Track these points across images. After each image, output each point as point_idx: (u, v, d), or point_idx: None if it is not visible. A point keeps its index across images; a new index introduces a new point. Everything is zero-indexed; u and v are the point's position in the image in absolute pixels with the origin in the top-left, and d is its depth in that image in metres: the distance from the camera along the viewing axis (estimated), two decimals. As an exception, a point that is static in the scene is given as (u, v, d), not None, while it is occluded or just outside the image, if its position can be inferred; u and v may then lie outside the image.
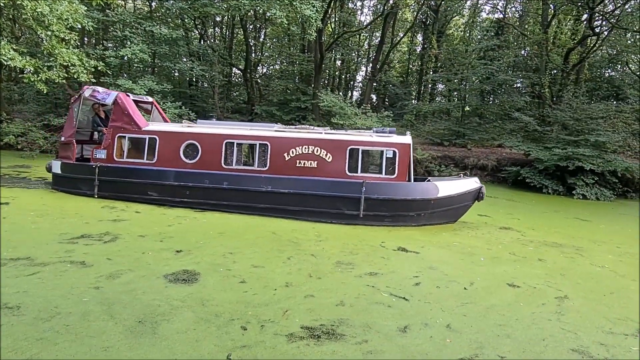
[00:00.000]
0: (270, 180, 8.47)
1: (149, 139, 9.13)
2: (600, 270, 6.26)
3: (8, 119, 18.65)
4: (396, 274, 5.39)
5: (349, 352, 3.31)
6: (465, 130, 22.09)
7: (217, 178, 8.66)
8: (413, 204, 8.28)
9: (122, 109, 9.33)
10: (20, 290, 4.09)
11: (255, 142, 8.78)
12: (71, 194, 9.54)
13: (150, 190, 8.99)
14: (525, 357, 3.43)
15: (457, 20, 32.04)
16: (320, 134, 8.69)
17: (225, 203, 8.67)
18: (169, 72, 25.20)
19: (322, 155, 8.45)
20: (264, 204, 8.49)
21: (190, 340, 3.31)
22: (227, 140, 8.80)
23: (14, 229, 6.36)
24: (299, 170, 8.49)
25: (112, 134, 9.31)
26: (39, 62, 12.75)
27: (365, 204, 8.13)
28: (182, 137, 9.01)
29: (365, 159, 8.51)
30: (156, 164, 9.01)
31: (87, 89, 9.82)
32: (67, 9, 11.98)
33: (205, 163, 8.79)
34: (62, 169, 9.79)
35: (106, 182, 9.20)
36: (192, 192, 8.76)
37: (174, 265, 5.16)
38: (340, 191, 8.26)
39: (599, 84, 24.15)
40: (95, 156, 9.38)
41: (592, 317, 4.36)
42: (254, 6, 16.90)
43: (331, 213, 8.31)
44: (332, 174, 8.38)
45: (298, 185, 8.38)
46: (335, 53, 29.25)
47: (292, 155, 8.54)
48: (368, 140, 8.50)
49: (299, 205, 8.38)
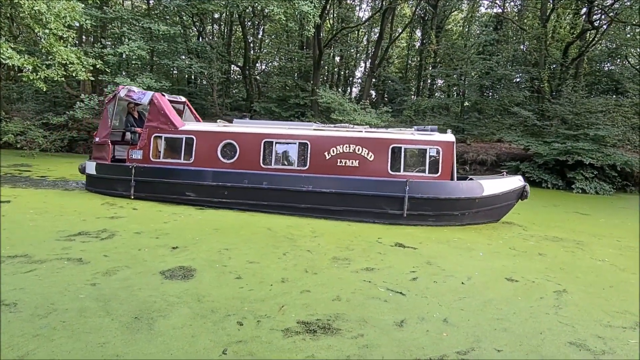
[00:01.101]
0: (311, 180, 8.34)
1: (186, 138, 9.03)
2: (601, 264, 6.24)
3: (7, 118, 18.67)
4: (393, 269, 5.38)
5: (345, 347, 3.31)
6: (464, 125, 22.07)
7: (256, 178, 8.53)
8: (458, 203, 8.11)
9: (158, 108, 9.23)
10: (17, 287, 4.09)
11: (295, 142, 8.66)
12: (107, 195, 9.46)
13: (187, 191, 8.89)
14: (522, 351, 3.42)
15: (455, 15, 31.92)
16: (361, 133, 8.54)
17: (265, 203, 8.56)
18: (168, 69, 25.18)
19: (363, 154, 8.30)
20: (305, 204, 8.37)
21: (186, 336, 3.31)
22: (265, 139, 8.68)
23: (13, 227, 6.36)
24: (339, 169, 8.35)
25: (148, 134, 9.23)
26: (37, 61, 12.75)
27: (409, 204, 7.97)
28: (219, 136, 8.91)
29: (408, 157, 8.34)
30: (193, 164, 8.91)
31: (123, 89, 9.74)
32: (65, 7, 11.98)
33: (244, 163, 8.69)
34: (97, 170, 9.70)
35: (142, 182, 9.11)
36: (231, 192, 8.64)
37: (170, 261, 5.17)
38: (383, 190, 8.10)
39: (598, 78, 24.09)
40: (131, 156, 9.30)
41: (590, 310, 4.36)
42: (252, 2, 16.85)
43: (374, 213, 8.16)
44: (374, 173, 8.23)
45: (340, 184, 8.23)
46: (333, 49, 29.18)
47: (332, 154, 8.41)
48: (411, 139, 8.33)
49: (340, 205, 8.25)
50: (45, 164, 14.90)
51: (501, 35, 24.92)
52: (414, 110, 25.89)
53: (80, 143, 19.64)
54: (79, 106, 17.23)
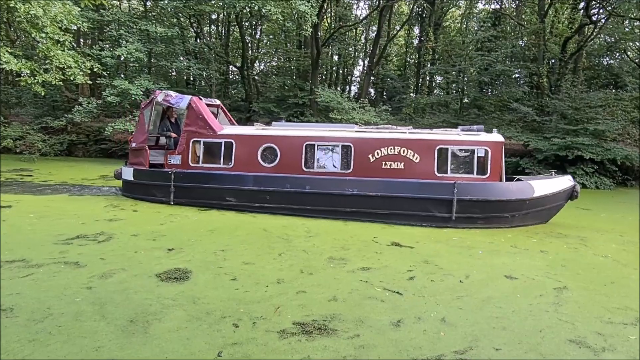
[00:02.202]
0: (356, 183, 8.17)
1: (225, 143, 8.87)
2: (603, 260, 6.20)
3: (5, 123, 18.68)
4: (389, 269, 5.35)
5: (341, 347, 3.29)
6: (464, 122, 21.96)
7: (298, 182, 8.38)
8: (508, 204, 7.88)
9: (197, 113, 9.07)
10: (13, 292, 4.08)
11: (338, 144, 8.47)
12: (145, 201, 9.34)
13: (228, 196, 8.74)
14: (521, 349, 3.39)
15: (453, 12, 31.84)
16: (405, 134, 8.38)
17: (308, 207, 8.39)
18: (166, 71, 25.18)
19: (409, 156, 8.11)
20: (349, 208, 8.21)
21: (181, 339, 3.30)
22: (307, 142, 8.53)
23: (12, 232, 6.38)
24: (384, 172, 8.17)
25: (186, 139, 9.10)
26: (34, 65, 12.73)
27: (457, 206, 7.77)
28: (259, 140, 8.76)
29: (455, 158, 8.14)
30: (233, 168, 8.78)
31: (160, 93, 9.62)
32: (61, 11, 11.94)
33: (285, 166, 8.53)
34: (134, 176, 9.57)
35: (182, 188, 8.98)
36: (273, 197, 8.50)
37: (165, 263, 5.16)
38: (430, 193, 7.90)
39: (598, 72, 24.01)
40: (169, 162, 9.19)
41: (590, 307, 4.33)
42: (249, 3, 16.82)
43: (421, 216, 7.98)
44: (420, 175, 8.04)
45: (386, 187, 8.05)
46: (332, 48, 29.14)
47: (377, 157, 8.22)
48: (458, 139, 8.14)
49: (386, 209, 8.07)
50: (46, 168, 14.92)
51: (499, 31, 24.85)
52: (413, 108, 25.88)
53: (79, 147, 19.67)
54: (78, 110, 17.23)
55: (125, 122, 16.85)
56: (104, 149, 19.57)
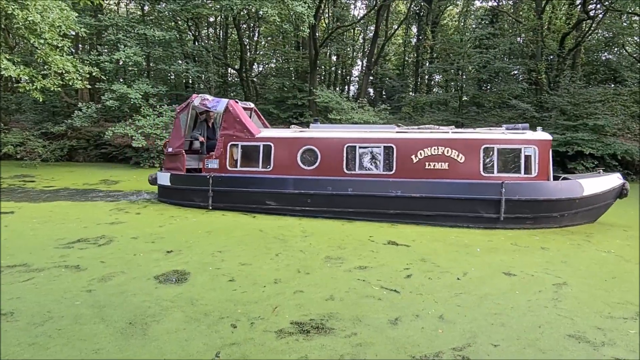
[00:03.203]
0: (399, 185, 8.04)
1: (264, 146, 8.81)
2: (605, 255, 6.17)
3: (5, 129, 18.72)
4: (386, 267, 5.36)
5: (338, 346, 3.30)
6: (463, 120, 21.98)
7: (340, 184, 8.28)
8: (558, 204, 7.72)
9: (234, 116, 9.01)
10: (14, 296, 4.11)
11: (380, 145, 8.36)
12: (182, 206, 9.27)
13: (268, 200, 8.66)
14: (519, 345, 3.40)
15: (451, 10, 31.81)
16: (448, 134, 8.24)
17: (351, 210, 8.29)
18: (165, 74, 25.20)
19: (453, 156, 7.97)
20: (394, 210, 8.09)
21: (180, 340, 3.31)
22: (348, 144, 8.43)
23: (13, 236, 6.43)
24: (428, 172, 8.03)
25: (224, 143, 9.02)
26: (33, 71, 12.78)
27: (506, 206, 7.62)
28: (298, 142, 8.68)
29: (502, 158, 7.95)
30: (272, 171, 8.69)
31: (196, 97, 9.53)
32: (59, 16, 11.99)
33: (325, 169, 8.44)
34: (171, 181, 9.52)
35: (220, 192, 8.91)
36: (314, 200, 8.39)
37: (164, 265, 5.19)
38: (477, 193, 7.76)
39: (596, 67, 23.93)
40: (207, 166, 9.12)
41: (590, 302, 4.32)
42: (246, 5, 16.85)
43: (468, 217, 7.85)
44: (465, 175, 7.90)
45: (431, 188, 7.92)
46: (330, 48, 29.14)
47: (420, 157, 8.09)
48: (504, 138, 7.96)
49: (431, 210, 7.95)
50: (48, 174, 14.95)
51: (497, 28, 24.83)
52: (413, 107, 25.85)
53: (79, 152, 19.67)
54: (77, 115, 17.27)
55: (125, 126, 16.87)
56: (105, 153, 19.58)
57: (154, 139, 16.98)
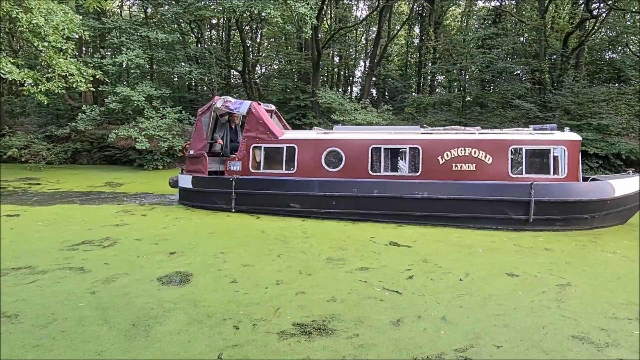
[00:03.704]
0: (426, 186, 7.96)
1: (287, 148, 8.75)
2: (611, 256, 6.11)
3: (10, 132, 18.86)
4: (388, 268, 5.35)
5: (340, 347, 3.30)
6: (466, 120, 21.91)
7: (366, 186, 8.20)
8: (589, 205, 7.58)
9: (257, 118, 8.97)
10: (18, 298, 4.14)
11: (405, 146, 8.28)
12: (205, 209, 9.26)
13: (292, 202, 8.59)
14: (522, 346, 3.38)
15: (453, 11, 31.78)
16: (475, 134, 8.16)
17: (376, 212, 8.22)
18: (168, 76, 25.31)
19: (480, 157, 7.86)
20: (420, 212, 8.00)
21: (182, 342, 3.33)
22: (373, 145, 8.35)
23: (19, 239, 6.48)
24: (455, 174, 7.94)
25: (246, 145, 8.97)
26: (37, 74, 12.86)
27: (535, 208, 7.49)
28: (322, 144, 8.61)
29: (530, 158, 7.85)
30: (296, 174, 8.63)
31: (219, 99, 9.46)
32: (63, 19, 12.06)
33: (350, 171, 8.37)
34: (193, 183, 9.46)
35: (243, 195, 8.88)
36: (339, 202, 8.33)
37: (167, 267, 5.21)
38: (506, 195, 7.64)
39: (600, 66, 23.84)
40: (229, 168, 9.10)
41: (594, 303, 4.29)
42: (249, 7, 16.90)
43: (497, 219, 7.74)
44: (493, 176, 7.79)
45: (458, 190, 7.83)
46: (332, 49, 29.18)
47: (446, 159, 8.00)
48: (532, 139, 7.84)
49: (458, 212, 7.86)
50: (54, 177, 15.04)
51: (500, 28, 24.76)
52: (416, 107, 25.83)
53: (83, 154, 19.79)
54: (81, 117, 17.37)
55: (129, 128, 16.95)
56: (108, 155, 19.68)
57: (158, 141, 17.05)
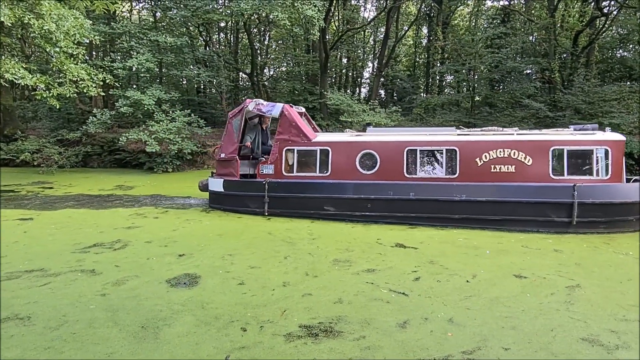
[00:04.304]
0: (464, 189, 7.82)
1: (321, 150, 8.67)
2: (623, 257, 6.01)
3: (22, 137, 19.16)
4: (394, 270, 5.34)
5: (346, 349, 3.31)
6: (476, 120, 21.78)
7: (402, 189, 8.09)
8: (634, 207, 7.38)
9: (289, 120, 8.91)
10: (31, 301, 4.21)
11: (442, 148, 8.15)
12: (236, 212, 9.24)
13: (326, 205, 8.52)
14: (531, 348, 3.36)
15: (461, 10, 31.60)
16: (513, 135, 8.02)
17: (413, 215, 8.10)
18: (177, 80, 25.53)
19: (520, 159, 7.71)
20: (459, 215, 7.88)
21: (191, 344, 3.36)
22: (408, 147, 8.24)
23: (32, 242, 6.57)
24: (494, 176, 7.79)
25: (279, 148, 8.92)
26: (49, 79, 13.09)
27: (578, 210, 7.32)
28: (357, 146, 8.52)
29: (572, 160, 7.65)
30: (330, 176, 8.56)
31: (250, 102, 9.42)
32: (73, 25, 12.25)
33: (385, 173, 8.27)
34: (225, 187, 9.41)
35: (276, 198, 8.82)
36: (375, 205, 8.23)
37: (176, 269, 5.27)
38: (547, 197, 7.48)
39: (611, 65, 23.54)
40: (262, 171, 9.05)
41: (604, 305, 4.24)
42: (256, 10, 17.00)
43: (538, 221, 7.58)
44: (533, 178, 7.64)
45: (498, 192, 7.69)
46: (340, 51, 29.19)
47: (485, 160, 7.86)
48: (574, 139, 7.64)
49: (498, 215, 7.71)
50: (66, 180, 15.25)
51: (509, 27, 24.57)
52: (424, 108, 25.73)
53: (94, 158, 20.04)
54: (92, 121, 17.60)
55: (139, 131, 17.14)
56: (119, 159, 19.91)
57: (167, 144, 17.21)
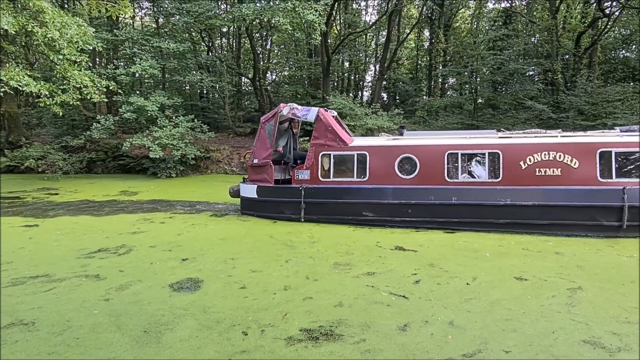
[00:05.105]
0: (509, 192, 7.66)
1: (358, 155, 8.53)
2: (627, 260, 5.97)
3: (27, 144, 19.31)
4: (394, 273, 5.35)
5: (347, 352, 3.33)
6: (478, 122, 21.78)
7: (443, 193, 7.95)
8: None
9: (325, 125, 8.78)
10: (35, 306, 4.25)
11: (484, 151, 7.98)
12: (270, 218, 9.09)
13: (365, 211, 8.37)
14: (532, 351, 3.35)
15: (463, 13, 31.64)
16: (557, 137, 7.83)
17: (455, 220, 7.94)
18: (180, 85, 25.68)
19: (566, 161, 7.53)
20: (503, 219, 7.71)
21: (192, 348, 3.39)
22: (449, 151, 8.09)
23: (37, 248, 6.62)
24: (538, 179, 7.62)
25: (314, 153, 8.77)
26: (53, 86, 13.20)
27: (629, 213, 7.15)
28: (395, 151, 8.38)
29: (621, 162, 7.43)
30: (368, 181, 8.41)
31: (285, 106, 9.30)
32: (77, 32, 12.37)
33: (425, 177, 8.11)
34: (258, 193, 9.28)
35: (313, 204, 8.68)
36: (415, 210, 8.08)
37: (179, 273, 5.31)
38: (595, 200, 7.31)
39: (614, 65, 23.48)
40: (297, 177, 8.90)
41: (606, 307, 4.23)
42: (258, 15, 17.10)
43: (587, 226, 7.42)
44: (579, 181, 7.44)
45: (544, 196, 7.53)
46: (342, 55, 29.27)
47: (529, 163, 7.68)
48: (621, 141, 7.43)
49: (544, 219, 7.55)
50: (71, 186, 15.30)
51: (511, 29, 24.58)
52: (427, 111, 25.74)
53: (98, 163, 20.15)
54: (96, 127, 17.70)
55: (142, 137, 17.24)
56: (122, 164, 20.02)
57: (171, 150, 17.29)
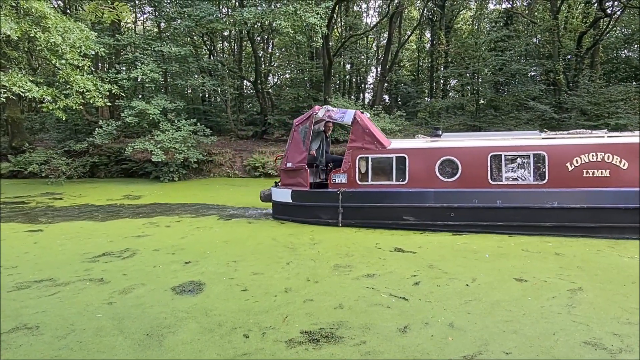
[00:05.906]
0: (557, 195, 7.50)
1: (397, 158, 8.35)
2: (628, 260, 5.93)
3: (30, 149, 19.42)
4: (394, 274, 5.37)
5: (347, 354, 3.35)
6: (481, 123, 21.79)
7: (487, 196, 7.78)
8: None
9: (363, 127, 8.58)
10: (39, 310, 4.28)
11: (529, 153, 7.79)
12: (306, 223, 8.89)
13: (405, 215, 8.20)
14: (532, 352, 3.36)
15: (464, 14, 31.68)
16: (604, 138, 7.63)
17: (500, 224, 7.75)
18: (182, 89, 25.77)
19: (615, 162, 7.34)
20: (550, 222, 7.54)
21: (194, 351, 3.42)
22: (492, 153, 7.90)
23: (42, 252, 6.66)
24: (586, 181, 7.43)
25: (352, 156, 8.61)
26: (55, 91, 13.26)
27: None
28: (435, 153, 8.20)
29: None
30: (408, 185, 8.23)
31: (320, 109, 9.11)
32: (79, 37, 12.44)
33: (468, 180, 7.94)
34: (293, 197, 9.12)
35: (351, 208, 8.51)
36: (458, 214, 7.93)
37: (181, 276, 5.34)
38: None
39: (616, 65, 23.46)
40: (334, 181, 8.73)
41: (607, 308, 4.22)
42: (260, 19, 17.16)
43: (637, 228, 7.23)
44: (630, 183, 7.24)
45: (593, 198, 7.35)
46: (343, 57, 29.34)
47: (576, 165, 7.49)
48: None
49: (595, 222, 7.37)
50: (75, 191, 15.34)
51: (512, 30, 24.59)
52: (429, 112, 25.76)
53: (101, 168, 20.23)
54: (98, 132, 17.76)
55: (145, 141, 17.31)
56: (125, 168, 20.09)
57: (173, 154, 17.36)
